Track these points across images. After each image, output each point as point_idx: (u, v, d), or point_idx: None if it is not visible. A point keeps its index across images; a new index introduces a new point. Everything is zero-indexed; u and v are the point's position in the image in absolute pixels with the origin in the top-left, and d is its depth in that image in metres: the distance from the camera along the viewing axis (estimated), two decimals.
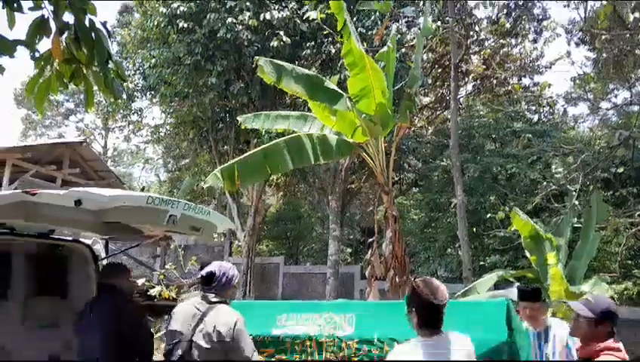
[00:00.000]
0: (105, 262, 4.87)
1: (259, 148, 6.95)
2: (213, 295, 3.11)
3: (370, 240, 8.39)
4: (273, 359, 3.26)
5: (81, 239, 4.71)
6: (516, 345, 2.91)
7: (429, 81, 16.36)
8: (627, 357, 2.79)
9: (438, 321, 2.64)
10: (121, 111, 16.30)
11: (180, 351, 2.98)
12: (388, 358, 2.74)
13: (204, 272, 3.16)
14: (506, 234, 11.26)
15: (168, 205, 3.61)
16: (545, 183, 10.48)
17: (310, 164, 7.06)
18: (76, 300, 4.83)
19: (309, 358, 3.21)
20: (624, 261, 10.73)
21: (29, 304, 5.17)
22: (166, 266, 12.04)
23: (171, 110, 15.44)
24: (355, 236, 21.27)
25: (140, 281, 11.97)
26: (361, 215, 21.09)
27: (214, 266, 3.17)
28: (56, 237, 4.48)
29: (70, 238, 4.61)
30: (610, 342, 2.78)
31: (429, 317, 2.63)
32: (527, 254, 7.39)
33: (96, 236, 4.78)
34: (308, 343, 3.27)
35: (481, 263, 12.54)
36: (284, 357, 3.28)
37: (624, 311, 8.37)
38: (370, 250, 8.18)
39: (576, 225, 8.49)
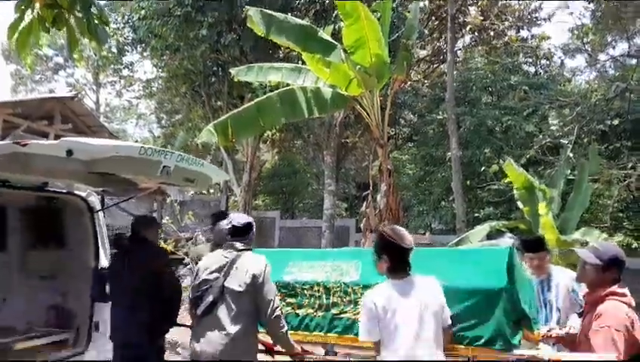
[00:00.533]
0: (101, 214, 4.89)
1: (252, 103, 6.86)
2: (241, 244, 3.37)
3: (365, 193, 8.44)
4: (284, 302, 3.45)
5: (76, 191, 4.69)
6: (517, 293, 2.97)
7: (426, 32, 16.03)
8: (633, 302, 2.79)
9: (407, 265, 2.88)
10: (112, 65, 15.96)
11: (211, 297, 3.20)
12: (362, 298, 2.98)
13: (239, 223, 3.40)
14: (500, 187, 11.36)
15: (161, 156, 3.58)
16: (540, 136, 10.48)
17: (304, 118, 6.99)
18: (74, 252, 4.89)
19: (317, 302, 3.40)
20: (615, 213, 10.87)
21: (28, 256, 5.25)
22: (163, 221, 12.12)
23: (162, 64, 15.15)
24: (351, 191, 21.38)
25: None
26: (357, 170, 21.14)
27: (243, 218, 3.49)
28: (51, 189, 4.46)
29: (64, 190, 4.59)
30: (615, 288, 2.79)
31: (399, 261, 2.86)
32: (520, 205, 7.47)
33: (90, 188, 4.76)
34: (316, 288, 3.44)
35: (475, 215, 12.69)
36: (294, 301, 3.47)
37: None
38: (365, 203, 8.25)
39: (570, 178, 8.56)
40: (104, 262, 4.76)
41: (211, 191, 21.60)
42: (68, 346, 4.52)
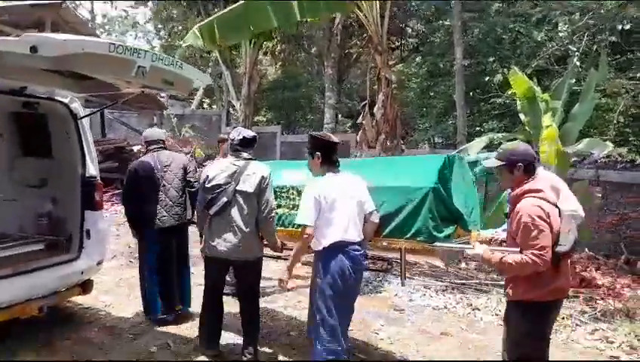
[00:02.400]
0: (85, 120, 4.75)
1: (239, 3, 6.40)
2: (248, 154, 3.91)
3: (362, 104, 8.21)
4: None
5: (57, 97, 4.52)
6: (449, 194, 3.48)
7: None
8: (552, 198, 2.87)
9: (337, 160, 3.51)
10: None
11: (224, 199, 3.73)
12: (305, 190, 3.50)
13: (248, 135, 3.92)
14: (506, 101, 11.04)
15: (134, 54, 3.37)
16: (549, 45, 9.97)
17: (295, 22, 6.56)
18: (60, 160, 4.82)
19: (292, 203, 4.10)
20: (622, 128, 10.60)
21: (15, 164, 5.20)
22: None
23: None
24: (355, 107, 20.99)
25: (136, 148, 12.08)
26: (361, 84, 20.58)
27: (250, 132, 4.00)
28: (30, 94, 4.30)
29: (44, 95, 4.42)
30: (529, 186, 2.86)
31: (330, 155, 3.48)
32: (522, 116, 7.23)
33: (72, 94, 4.59)
34: (291, 191, 4.14)
35: (477, 128, 12.46)
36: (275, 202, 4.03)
37: (614, 176, 8.47)
38: (361, 115, 8.05)
39: (575, 89, 8.21)
40: (92, 170, 4.70)
41: (213, 106, 21.31)
42: (61, 252, 4.57)
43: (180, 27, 18.86)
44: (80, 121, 4.69)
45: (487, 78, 11.44)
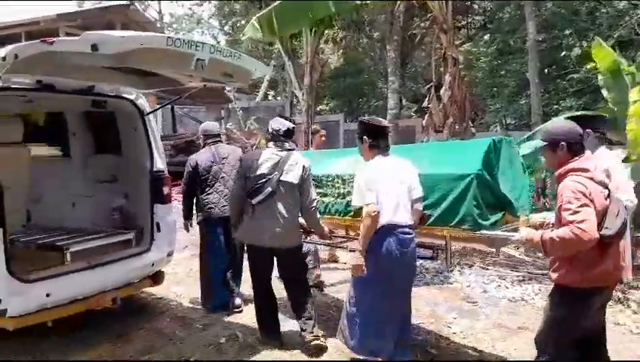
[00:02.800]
0: (151, 116, 4.85)
1: None
2: (289, 144, 3.97)
3: (428, 86, 7.87)
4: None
5: (124, 94, 4.64)
6: (495, 179, 3.40)
7: None
8: (598, 177, 2.74)
9: (387, 144, 3.49)
10: None
11: (269, 189, 3.77)
12: (357, 173, 3.49)
13: (289, 126, 4.00)
14: (587, 76, 10.22)
15: (192, 47, 3.35)
16: (633, 13, 9.08)
17: (355, 7, 6.33)
18: (130, 156, 4.95)
19: (337, 191, 4.15)
20: None
21: (89, 161, 5.42)
22: (227, 126, 12.25)
23: None
24: (420, 91, 20.40)
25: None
26: (426, 66, 19.94)
27: (289, 122, 4.05)
28: (97, 92, 4.43)
29: (112, 93, 4.55)
30: (574, 165, 2.75)
31: (379, 139, 3.45)
32: (605, 92, 6.65)
33: (137, 91, 4.70)
34: (336, 180, 4.20)
35: (555, 107, 11.64)
36: (320, 191, 4.21)
37: None
38: (427, 98, 7.73)
39: None
40: (159, 164, 4.80)
41: (278, 98, 21.54)
42: (133, 245, 4.70)
43: (243, 21, 19.14)
44: (146, 117, 4.78)
45: (563, 53, 10.65)
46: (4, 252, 3.41)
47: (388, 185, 3.30)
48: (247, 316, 4.61)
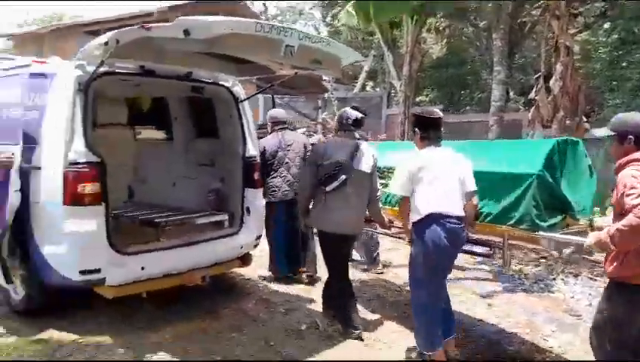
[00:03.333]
0: (246, 103, 4.97)
1: None
2: (358, 134, 4.11)
3: (536, 76, 7.27)
4: None
5: (221, 81, 4.80)
6: (557, 180, 3.38)
7: None
8: None
9: (437, 136, 3.51)
10: None
11: (343, 176, 3.83)
12: (402, 162, 3.59)
13: (358, 116, 4.08)
14: None
15: (281, 33, 3.35)
16: None
17: None
18: (225, 141, 5.13)
19: None
20: None
21: (190, 145, 5.70)
22: (322, 115, 12.34)
23: None
24: (529, 82, 19.03)
25: (301, 130, 12.62)
26: (536, 57, 18.55)
27: (358, 112, 4.12)
28: (196, 78, 4.62)
29: (209, 80, 4.73)
30: (637, 154, 2.68)
31: (429, 130, 3.50)
32: None
33: (233, 78, 4.84)
34: None
35: None
36: (382, 182, 4.31)
37: None
38: (534, 90, 7.15)
39: None
40: (252, 150, 4.91)
41: (377, 89, 21.32)
42: (224, 227, 4.88)
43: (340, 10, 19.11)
44: (241, 104, 4.92)
45: None
46: (105, 225, 3.67)
47: (435, 175, 3.35)
48: None
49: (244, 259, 4.81)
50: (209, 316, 4.32)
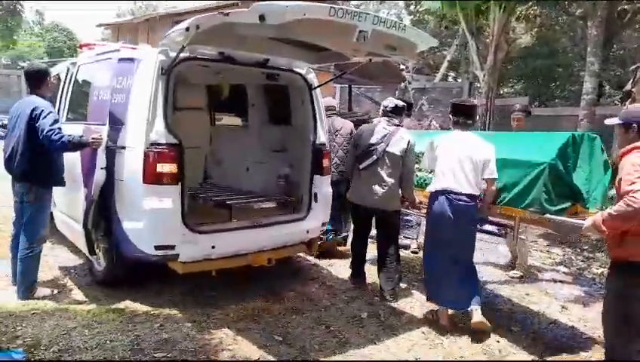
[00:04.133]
0: (318, 90, 5.00)
1: None
2: (397, 121, 4.61)
3: (632, 68, 6.67)
4: None
5: (295, 69, 4.85)
6: (569, 170, 3.67)
7: None
8: None
9: (467, 121, 4.05)
10: None
11: (375, 157, 4.43)
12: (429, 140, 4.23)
13: (400, 104, 4.65)
14: None
15: (355, 18, 3.30)
16: None
17: None
18: (297, 127, 5.19)
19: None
20: None
21: (263, 131, 5.84)
22: None
23: None
24: (628, 76, 17.50)
25: (376, 120, 12.48)
26: (637, 48, 17.03)
27: (400, 101, 4.72)
28: (272, 65, 4.70)
29: (285, 67, 4.79)
30: (638, 143, 2.82)
31: (460, 117, 4.04)
32: None
33: (307, 65, 4.87)
34: None
35: None
36: (416, 166, 4.67)
37: None
38: (631, 81, 6.57)
39: None
40: (322, 138, 4.94)
41: (459, 79, 20.59)
42: (292, 211, 4.96)
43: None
44: (314, 91, 4.95)
45: None
46: (181, 204, 3.86)
47: (451, 154, 3.87)
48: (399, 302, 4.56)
49: (310, 245, 4.87)
50: (272, 297, 4.43)
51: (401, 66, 11.52)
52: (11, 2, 27.34)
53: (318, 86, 5.02)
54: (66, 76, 5.27)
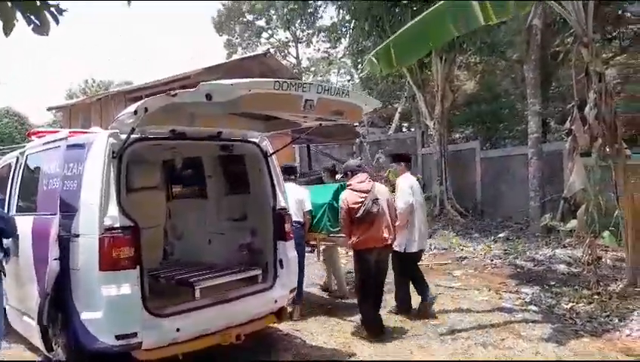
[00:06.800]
0: (273, 157, 5.04)
1: (415, 20, 6.12)
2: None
3: (569, 106, 7.07)
4: None
5: (249, 138, 4.91)
6: (337, 205, 5.76)
7: None
8: (360, 187, 4.63)
9: (290, 177, 6.09)
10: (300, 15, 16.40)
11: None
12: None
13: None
14: None
15: (299, 89, 3.43)
16: None
17: (479, 26, 5.95)
18: (256, 194, 5.18)
19: None
20: None
21: (222, 201, 5.80)
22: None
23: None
24: (569, 111, 18.46)
25: (339, 176, 12.66)
26: (572, 85, 18.09)
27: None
28: (225, 138, 4.74)
29: (238, 138, 4.84)
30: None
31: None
32: None
33: (260, 134, 4.94)
34: None
35: None
36: None
37: None
38: (569, 119, 6.94)
39: None
40: (282, 202, 4.95)
41: (412, 129, 21.22)
42: (258, 282, 4.85)
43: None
44: (270, 158, 5.00)
45: None
46: (140, 289, 3.72)
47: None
48: None
49: (280, 314, 4.76)
50: None
51: (355, 123, 11.89)
52: None
53: (275, 151, 5.08)
54: (16, 165, 5.16)
